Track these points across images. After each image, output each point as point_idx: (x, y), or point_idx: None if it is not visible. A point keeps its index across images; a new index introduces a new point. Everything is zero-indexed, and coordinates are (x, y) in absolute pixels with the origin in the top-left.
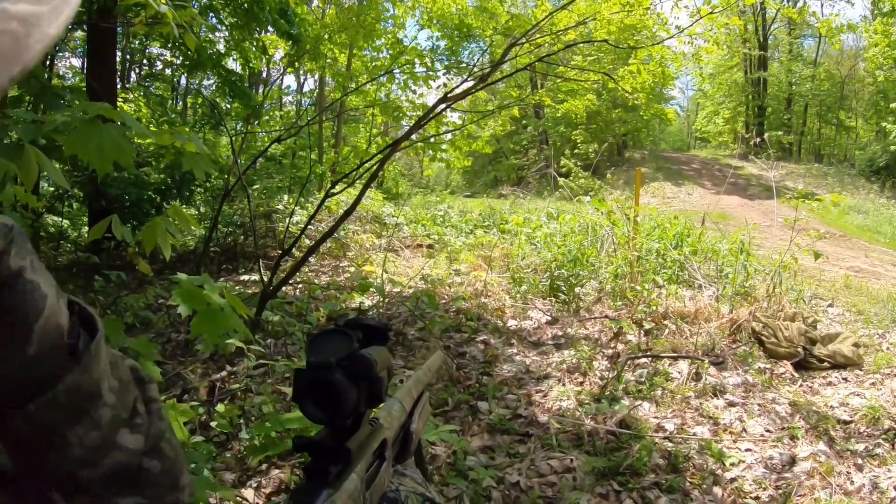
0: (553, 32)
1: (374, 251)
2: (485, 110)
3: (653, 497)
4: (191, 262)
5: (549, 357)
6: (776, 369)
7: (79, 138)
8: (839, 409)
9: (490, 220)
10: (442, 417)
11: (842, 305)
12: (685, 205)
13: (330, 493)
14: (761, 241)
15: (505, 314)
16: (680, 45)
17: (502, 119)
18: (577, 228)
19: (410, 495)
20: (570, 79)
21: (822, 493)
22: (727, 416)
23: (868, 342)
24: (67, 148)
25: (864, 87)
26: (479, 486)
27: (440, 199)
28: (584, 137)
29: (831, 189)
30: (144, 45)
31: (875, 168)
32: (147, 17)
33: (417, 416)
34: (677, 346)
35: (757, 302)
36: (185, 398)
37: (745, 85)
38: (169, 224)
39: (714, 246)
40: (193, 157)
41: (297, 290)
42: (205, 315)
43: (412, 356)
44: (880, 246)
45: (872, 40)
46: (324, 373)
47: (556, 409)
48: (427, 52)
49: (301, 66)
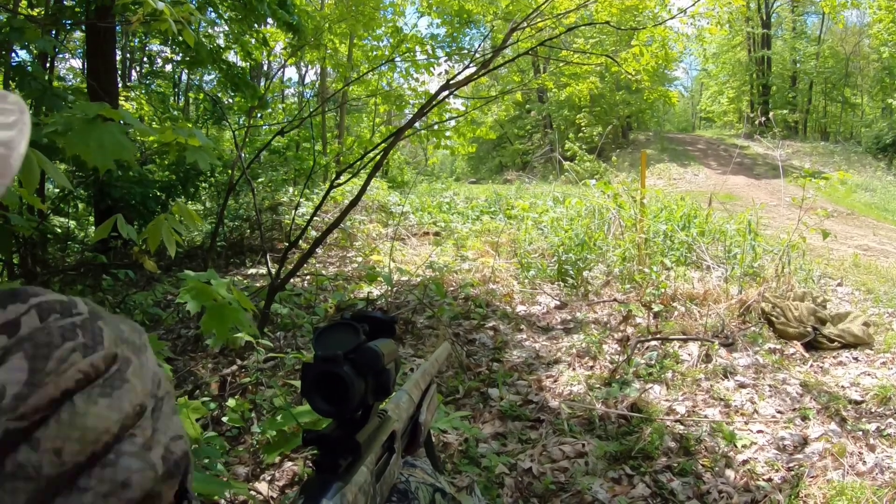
0: (554, 16)
1: (381, 240)
2: (488, 96)
3: (665, 480)
4: (198, 258)
5: (558, 342)
6: (786, 350)
7: (79, 138)
8: (850, 389)
9: (496, 206)
10: (453, 405)
11: (851, 284)
12: (691, 186)
13: (340, 485)
14: (769, 220)
15: (513, 300)
16: (682, 25)
17: (505, 104)
18: (583, 212)
19: (420, 486)
20: (573, 62)
21: (835, 473)
22: (738, 397)
23: (878, 321)
24: (69, 148)
25: (868, 63)
26: (492, 473)
27: (445, 186)
28: (588, 120)
29: (838, 167)
30: (144, 43)
31: (881, 145)
32: (144, 15)
33: (426, 407)
34: (687, 329)
35: (766, 282)
36: (196, 394)
37: (749, 64)
38: (173, 221)
39: (721, 227)
40: (197, 150)
41: (304, 282)
42: (213, 310)
43: (422, 345)
44: (888, 224)
45: (877, 16)
46: (331, 366)
47: (566, 394)
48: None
49: (302, 58)
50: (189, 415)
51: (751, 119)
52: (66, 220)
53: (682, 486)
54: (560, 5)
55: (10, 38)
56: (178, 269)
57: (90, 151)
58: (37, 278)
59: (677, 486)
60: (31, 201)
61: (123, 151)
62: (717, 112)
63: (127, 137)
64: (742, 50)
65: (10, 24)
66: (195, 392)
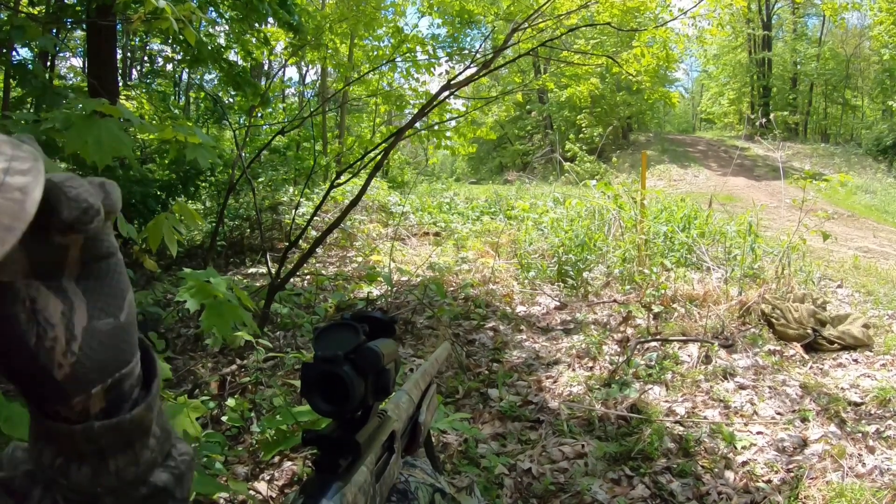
0: (555, 16)
1: (381, 240)
2: (488, 96)
3: (665, 482)
4: (198, 257)
5: (558, 343)
6: (786, 351)
7: (77, 134)
8: (850, 390)
9: (496, 207)
10: (453, 405)
11: (851, 286)
12: (692, 187)
13: (340, 485)
14: (769, 222)
15: (513, 300)
16: (683, 27)
17: (506, 105)
18: (583, 213)
19: (420, 486)
20: (574, 63)
21: (834, 475)
22: (738, 398)
23: (878, 323)
24: (68, 145)
25: (869, 65)
26: (491, 474)
27: (446, 186)
28: (588, 121)
29: (838, 169)
30: (145, 42)
31: (882, 147)
32: (146, 14)
33: (426, 407)
34: (687, 330)
35: (766, 284)
36: (196, 393)
37: (750, 65)
38: (174, 220)
39: (722, 228)
40: (197, 148)
41: (304, 282)
42: (213, 308)
43: (422, 345)
44: (889, 226)
45: (877, 18)
46: (331, 366)
47: (566, 395)
48: (429, 39)
49: (303, 57)
50: (189, 414)
51: (751, 120)
52: None
53: (682, 488)
54: (561, 6)
55: (11, 37)
56: (177, 269)
57: (88, 148)
58: None
59: (677, 487)
60: None
61: (121, 147)
62: (717, 113)
63: (125, 134)
64: (743, 51)
65: (12, 22)
66: (195, 391)
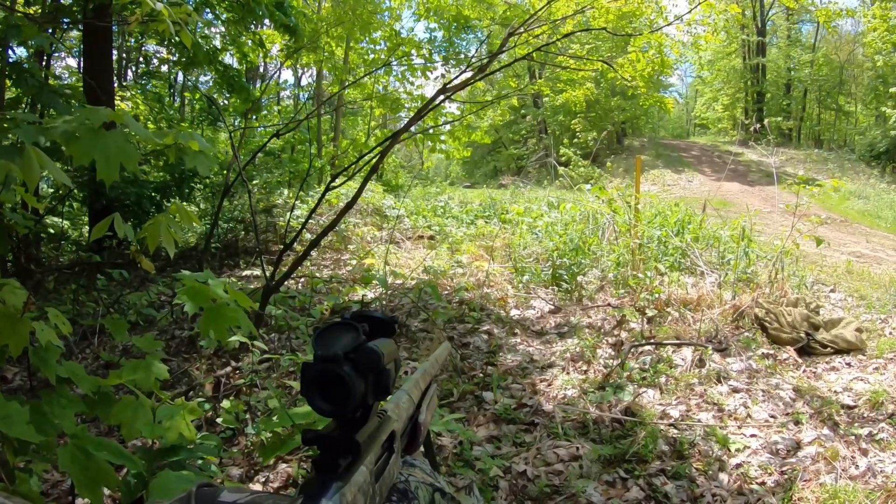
0: (551, 21)
1: (376, 243)
2: (483, 101)
3: (659, 484)
4: (192, 259)
5: (552, 346)
6: (779, 355)
7: (85, 149)
8: (843, 393)
9: (491, 211)
10: (447, 408)
11: (844, 291)
12: (685, 192)
13: (339, 485)
14: (763, 227)
15: (508, 304)
16: (679, 32)
17: (501, 109)
18: (578, 217)
19: (420, 486)
20: (569, 67)
21: (827, 477)
22: (731, 402)
23: (870, 327)
24: (76, 158)
25: (863, 71)
26: (487, 476)
27: (440, 190)
28: (583, 126)
29: (832, 174)
30: (140, 43)
31: (875, 153)
32: (142, 15)
33: (426, 407)
34: (680, 334)
35: (759, 288)
36: (191, 395)
37: (744, 71)
38: (171, 221)
39: (715, 233)
40: (196, 155)
41: (299, 285)
42: (211, 311)
43: (416, 348)
44: (881, 231)
45: (871, 25)
46: (331, 366)
47: (561, 398)
48: (424, 43)
49: (298, 60)
50: (184, 416)
51: (745, 126)
52: (60, 220)
53: (676, 490)
54: (557, 11)
55: (7, 36)
56: (172, 270)
57: (97, 162)
58: (31, 276)
59: (671, 489)
60: (29, 200)
61: (128, 159)
62: (711, 119)
63: (131, 145)
64: (737, 57)
65: (8, 21)
66: (189, 393)
